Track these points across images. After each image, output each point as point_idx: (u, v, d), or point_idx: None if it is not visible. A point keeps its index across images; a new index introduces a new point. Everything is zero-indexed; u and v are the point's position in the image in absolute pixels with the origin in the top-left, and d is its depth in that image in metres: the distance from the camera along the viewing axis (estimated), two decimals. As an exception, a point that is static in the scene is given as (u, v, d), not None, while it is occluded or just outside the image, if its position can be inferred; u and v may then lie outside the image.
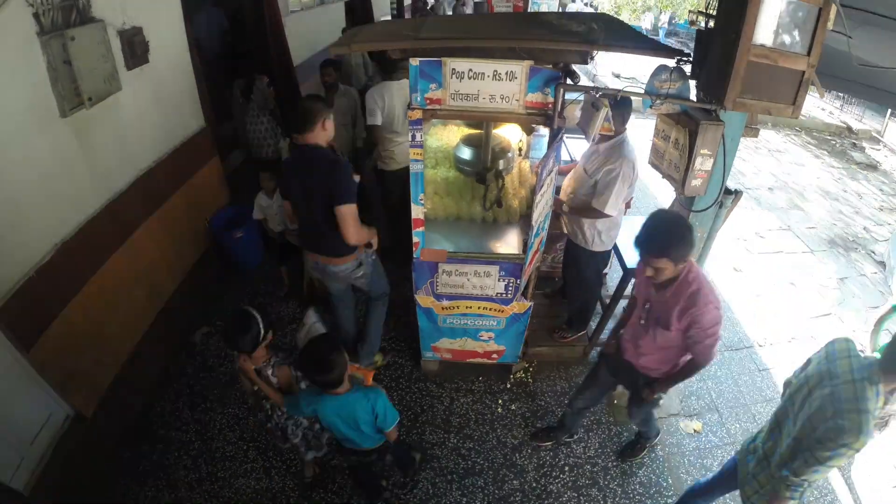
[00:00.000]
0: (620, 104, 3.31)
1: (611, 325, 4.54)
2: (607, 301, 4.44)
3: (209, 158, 5.38)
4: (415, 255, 3.50)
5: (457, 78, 2.83)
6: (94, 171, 3.77)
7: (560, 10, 9.21)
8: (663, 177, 3.06)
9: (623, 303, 4.81)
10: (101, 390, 3.82)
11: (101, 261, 3.83)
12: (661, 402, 3.45)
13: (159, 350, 4.55)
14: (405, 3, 12.88)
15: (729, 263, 6.14)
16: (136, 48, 4.03)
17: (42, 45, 3.22)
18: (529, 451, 3.84)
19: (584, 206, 3.68)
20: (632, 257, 4.02)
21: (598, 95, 2.78)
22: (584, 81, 2.95)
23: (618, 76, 12.12)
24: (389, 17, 12.09)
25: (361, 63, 7.84)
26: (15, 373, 3.22)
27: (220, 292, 5.35)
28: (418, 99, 2.94)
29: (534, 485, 3.65)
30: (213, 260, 5.45)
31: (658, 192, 7.56)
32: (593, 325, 4.56)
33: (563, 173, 4.16)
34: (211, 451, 3.87)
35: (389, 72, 4.68)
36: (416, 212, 3.30)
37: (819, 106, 13.31)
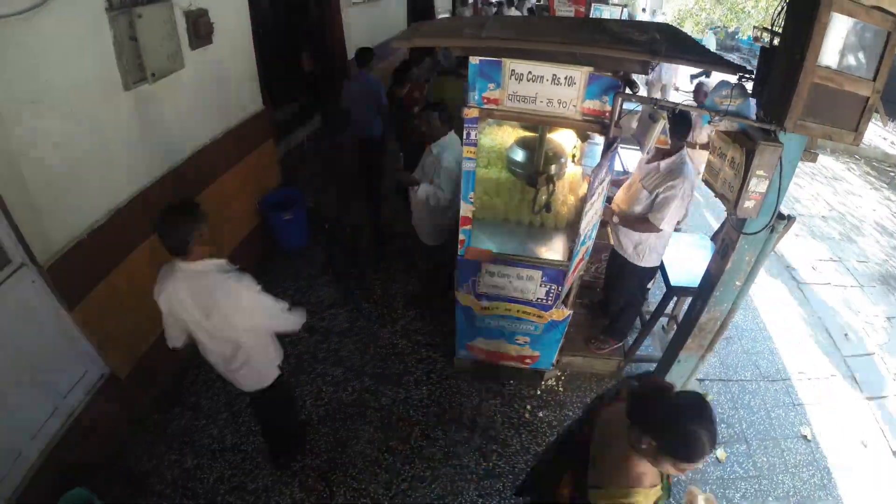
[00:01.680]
0: (679, 118, 3.34)
1: (648, 341, 4.58)
2: (647, 317, 4.47)
3: (264, 140, 5.63)
4: (459, 253, 3.59)
5: (515, 79, 2.89)
6: (151, 143, 3.99)
7: (622, 18, 9.16)
8: (716, 195, 3.03)
9: (663, 320, 4.86)
10: (137, 354, 4.06)
11: (153, 229, 4.00)
12: None
13: None
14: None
15: (774, 291, 6.10)
16: (200, 29, 4.24)
17: (110, 21, 3.44)
18: (552, 460, 3.89)
19: (638, 219, 3.73)
20: (677, 275, 4.09)
21: (656, 107, 2.82)
22: (642, 92, 2.98)
23: (677, 89, 12.00)
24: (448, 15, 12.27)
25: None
26: (57, 328, 3.46)
27: (263, 271, 5.60)
28: (476, 97, 3.00)
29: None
30: (258, 239, 5.71)
31: (710, 210, 7.49)
32: (630, 339, 4.58)
33: (616, 185, 4.21)
34: (237, 423, 4.06)
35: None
36: (465, 210, 3.38)
37: (881, 135, 12.96)
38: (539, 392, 4.38)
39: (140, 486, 3.66)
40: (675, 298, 4.42)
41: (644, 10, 26.71)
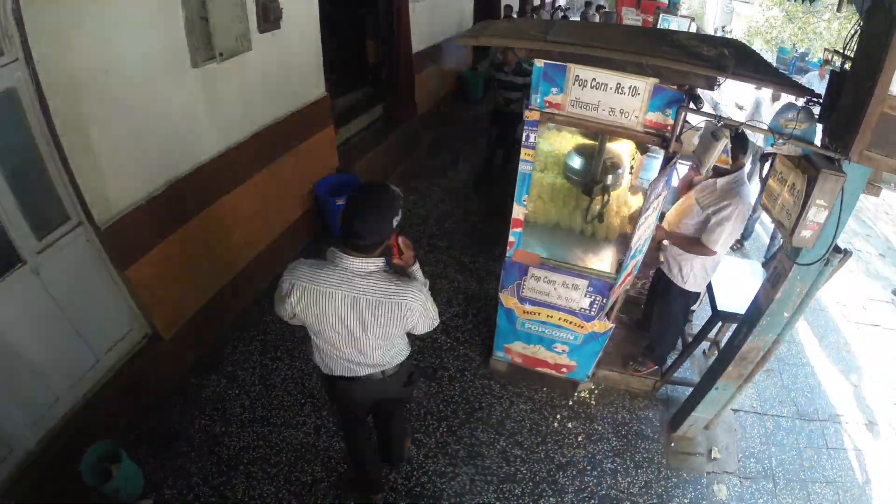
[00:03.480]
0: (741, 138, 3.34)
1: (687, 364, 4.59)
2: (689, 339, 4.48)
3: (324, 126, 5.87)
4: (507, 255, 3.65)
5: (579, 85, 2.93)
6: (214, 120, 4.22)
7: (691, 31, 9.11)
8: (772, 221, 3.01)
9: (704, 345, 4.82)
10: (182, 319, 4.30)
11: (207, 203, 4.30)
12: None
13: (244, 294, 5.05)
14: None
15: (821, 327, 6.03)
16: (269, 14, 4.47)
17: (182, 0, 3.69)
18: (574, 472, 3.94)
19: (691, 241, 3.70)
20: (724, 299, 4.09)
21: (719, 124, 2.79)
22: (705, 108, 2.98)
23: (741, 108, 11.81)
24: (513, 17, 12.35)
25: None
26: (107, 286, 3.72)
27: (312, 253, 5.71)
28: (538, 101, 3.05)
29: (569, 507, 3.78)
30: (311, 222, 6.00)
31: (766, 235, 7.41)
32: (669, 360, 4.55)
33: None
34: (270, 397, 4.24)
35: None
36: (517, 212, 3.43)
37: (952, 175, 12.56)
38: (571, 403, 4.42)
39: (167, 446, 3.86)
40: (719, 324, 4.38)
41: (717, 29, 26.28)
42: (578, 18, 13.91)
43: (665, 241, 3.85)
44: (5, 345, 3.11)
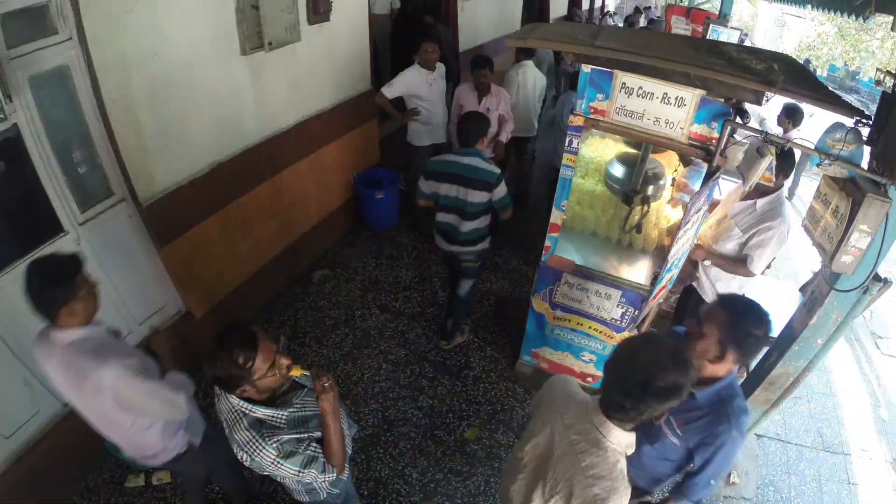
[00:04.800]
0: (787, 156, 3.31)
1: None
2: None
3: (368, 120, 6.03)
4: (542, 259, 3.70)
5: (625, 93, 2.94)
6: (260, 107, 4.39)
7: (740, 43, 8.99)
8: (813, 244, 2.91)
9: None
10: (215, 299, 4.47)
11: (248, 187, 4.47)
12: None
13: (277, 279, 5.24)
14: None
15: (854, 357, 5.96)
16: (319, 6, 4.63)
17: None
18: (593, 485, 3.93)
19: (731, 259, 3.67)
20: None
21: (765, 141, 2.75)
22: (751, 123, 2.95)
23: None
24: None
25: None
26: (145, 261, 3.91)
27: (348, 244, 6.10)
28: (583, 106, 3.07)
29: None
30: (349, 213, 6.19)
31: (803, 258, 7.33)
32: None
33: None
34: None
35: None
36: (556, 217, 3.48)
37: None
38: (594, 413, 4.40)
39: None
40: None
41: (764, 39, 25.94)
42: (621, 24, 13.83)
43: (706, 261, 3.81)
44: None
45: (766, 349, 3.51)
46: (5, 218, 3.24)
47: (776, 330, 3.46)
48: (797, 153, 3.18)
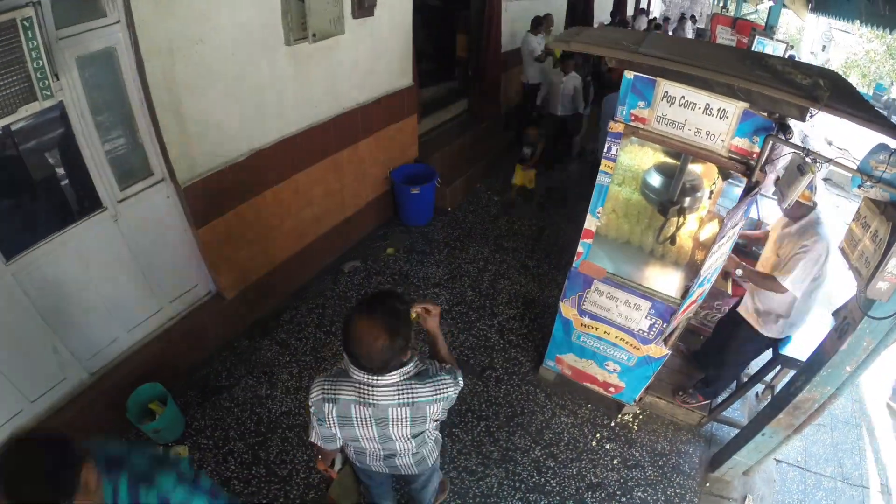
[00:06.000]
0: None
1: (737, 405, 4.53)
2: (744, 380, 4.41)
3: (408, 115, 6.16)
4: (574, 264, 3.72)
5: (667, 102, 2.92)
6: (301, 97, 4.51)
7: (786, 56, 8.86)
8: (849, 268, 2.87)
9: (758, 387, 4.72)
10: (246, 282, 4.61)
11: (285, 176, 4.60)
12: None
13: (309, 267, 5.37)
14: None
15: (883, 387, 5.82)
16: (364, 1, 4.73)
17: None
18: (604, 495, 3.96)
19: (762, 273, 3.63)
20: (789, 345, 3.97)
21: (807, 158, 2.68)
22: (794, 139, 2.90)
23: (830, 143, 11.49)
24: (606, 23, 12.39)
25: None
26: (180, 241, 4.05)
27: (380, 237, 6.22)
28: (624, 113, 3.07)
29: (590, 530, 3.88)
30: (384, 207, 6.33)
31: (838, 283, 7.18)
32: (720, 398, 4.52)
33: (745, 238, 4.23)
34: (319, 369, 4.47)
35: None
36: (590, 223, 3.49)
37: None
38: (613, 424, 4.45)
39: (212, 398, 4.15)
40: (777, 367, 4.30)
41: (812, 53, 25.54)
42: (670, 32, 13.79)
43: (738, 272, 3.73)
44: (77, 280, 3.44)
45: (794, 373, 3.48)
46: (46, 191, 3.41)
47: (806, 353, 3.48)
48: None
